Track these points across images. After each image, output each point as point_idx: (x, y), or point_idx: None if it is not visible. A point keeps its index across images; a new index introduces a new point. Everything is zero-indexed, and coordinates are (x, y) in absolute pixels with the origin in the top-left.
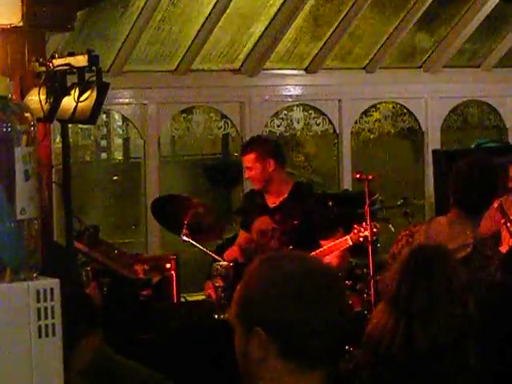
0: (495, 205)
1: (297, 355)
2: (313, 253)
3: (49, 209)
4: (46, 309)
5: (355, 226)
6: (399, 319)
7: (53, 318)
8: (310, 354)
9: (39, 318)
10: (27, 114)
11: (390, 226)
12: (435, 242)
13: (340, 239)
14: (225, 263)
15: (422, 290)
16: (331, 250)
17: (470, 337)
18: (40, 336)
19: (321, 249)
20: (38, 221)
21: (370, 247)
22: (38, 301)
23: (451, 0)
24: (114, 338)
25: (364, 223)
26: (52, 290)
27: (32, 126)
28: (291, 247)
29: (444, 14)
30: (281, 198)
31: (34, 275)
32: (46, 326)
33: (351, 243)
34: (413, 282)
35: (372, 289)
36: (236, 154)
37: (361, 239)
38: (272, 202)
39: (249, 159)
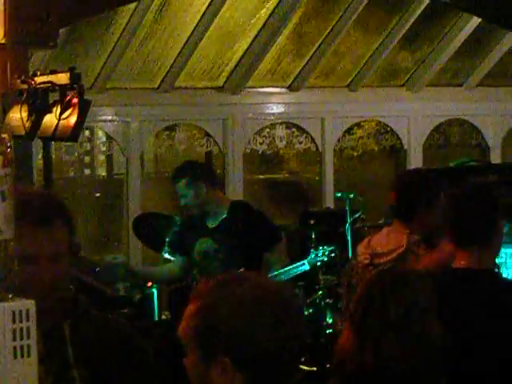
0: None
1: (260, 380)
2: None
3: None
4: (21, 329)
5: (312, 250)
6: (356, 341)
7: (28, 338)
8: (276, 379)
9: (14, 339)
10: (3, 135)
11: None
12: (372, 248)
13: (297, 263)
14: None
15: (374, 316)
16: (289, 275)
17: (432, 363)
18: (15, 357)
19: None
20: (14, 241)
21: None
22: (14, 321)
23: (434, 19)
24: None
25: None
26: (28, 310)
27: (8, 146)
28: (235, 266)
29: (426, 32)
30: (219, 219)
31: (10, 296)
32: (22, 346)
33: (308, 267)
34: (366, 308)
35: None
36: (219, 172)
37: (318, 263)
38: (211, 223)
39: (181, 186)
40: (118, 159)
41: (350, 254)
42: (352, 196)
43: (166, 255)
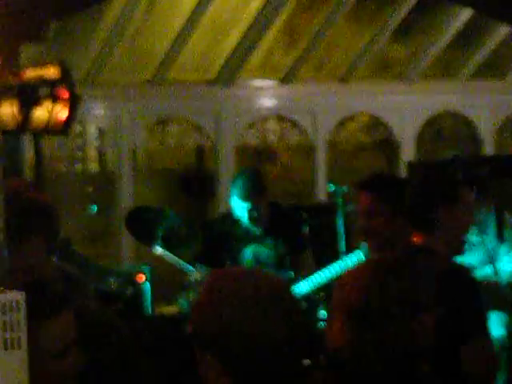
0: None
1: (249, 379)
2: None
3: None
4: (11, 321)
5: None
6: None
7: (18, 330)
8: (268, 378)
9: (5, 331)
10: None
11: None
12: None
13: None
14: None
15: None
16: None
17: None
18: (6, 348)
19: None
20: (2, 234)
21: None
22: (4, 313)
23: (426, 11)
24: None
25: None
26: (17, 302)
27: None
28: (285, 269)
29: (419, 24)
30: (264, 223)
31: (0, 288)
32: (12, 338)
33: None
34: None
35: None
36: (211, 166)
37: None
38: (255, 228)
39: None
40: (109, 154)
41: (342, 248)
42: (344, 189)
43: (159, 250)
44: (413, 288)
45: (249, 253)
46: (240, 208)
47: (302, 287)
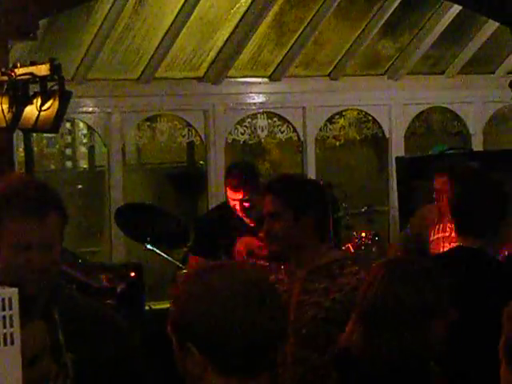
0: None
1: (234, 371)
2: None
3: None
4: (4, 317)
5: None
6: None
7: (11, 326)
8: (248, 366)
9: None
10: None
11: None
12: None
13: None
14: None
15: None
16: None
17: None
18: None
19: None
20: None
21: None
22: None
23: (414, 7)
24: None
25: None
26: (10, 299)
27: None
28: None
29: (407, 21)
30: (257, 215)
31: None
32: (5, 334)
33: None
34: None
35: None
36: (201, 162)
37: None
38: (249, 220)
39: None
40: (99, 151)
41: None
42: (334, 185)
43: (149, 246)
44: (427, 294)
45: (242, 245)
46: (233, 199)
47: None
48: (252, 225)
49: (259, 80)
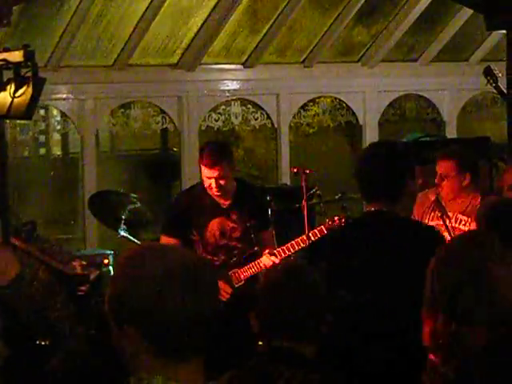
0: (432, 197)
1: (167, 351)
2: None
3: None
4: None
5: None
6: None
7: None
8: (182, 349)
9: None
10: None
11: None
12: None
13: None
14: None
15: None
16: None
17: None
18: None
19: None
20: None
21: None
22: None
23: None
24: None
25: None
26: None
27: None
28: (250, 244)
29: (381, 8)
30: (230, 197)
31: None
32: None
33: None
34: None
35: None
36: (175, 149)
37: None
38: (222, 202)
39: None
40: (73, 138)
41: (305, 230)
42: (308, 172)
43: (122, 233)
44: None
45: (215, 225)
46: (208, 177)
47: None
48: (225, 206)
49: (233, 67)
